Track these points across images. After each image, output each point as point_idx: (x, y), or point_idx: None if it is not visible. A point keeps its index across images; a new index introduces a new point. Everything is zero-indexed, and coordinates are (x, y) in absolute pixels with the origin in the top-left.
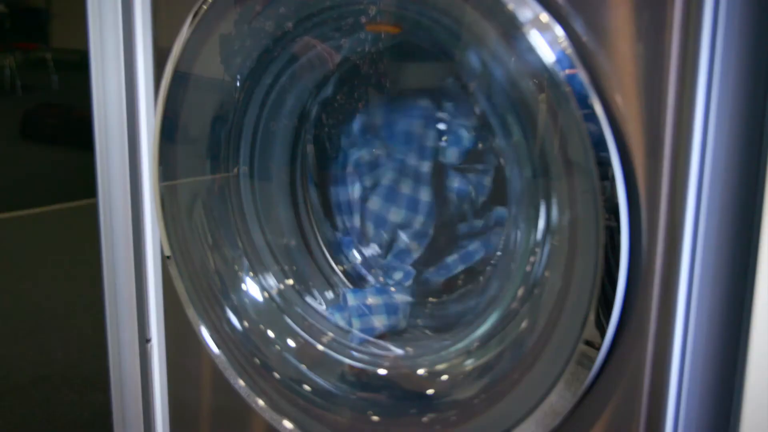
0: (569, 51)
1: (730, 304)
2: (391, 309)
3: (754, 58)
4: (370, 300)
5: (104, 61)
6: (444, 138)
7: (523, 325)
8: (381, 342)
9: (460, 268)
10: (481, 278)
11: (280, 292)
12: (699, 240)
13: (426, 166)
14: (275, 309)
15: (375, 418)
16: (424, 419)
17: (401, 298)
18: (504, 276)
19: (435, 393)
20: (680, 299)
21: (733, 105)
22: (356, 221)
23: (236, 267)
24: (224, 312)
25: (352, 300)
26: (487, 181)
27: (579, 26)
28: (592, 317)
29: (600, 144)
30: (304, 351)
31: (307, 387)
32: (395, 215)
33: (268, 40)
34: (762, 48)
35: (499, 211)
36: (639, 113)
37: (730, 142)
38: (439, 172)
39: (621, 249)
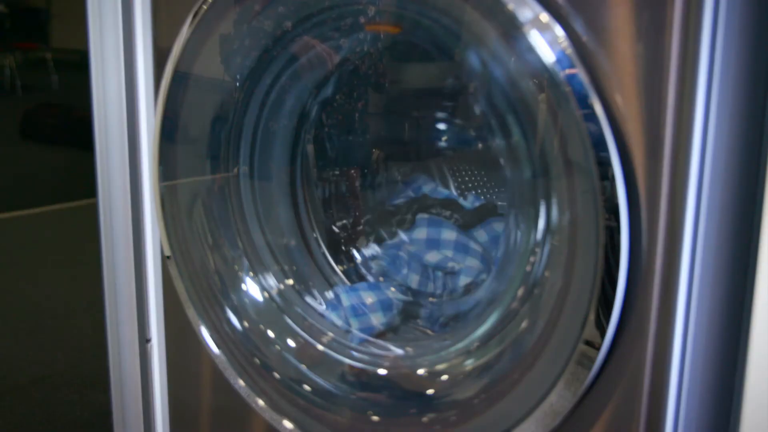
0: (569, 51)
1: (730, 304)
2: (385, 305)
3: (754, 58)
4: (365, 298)
5: (104, 61)
6: (444, 138)
7: (523, 325)
8: (381, 342)
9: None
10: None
11: (280, 292)
12: (699, 240)
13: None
14: (275, 309)
15: (375, 418)
16: (424, 419)
17: (393, 293)
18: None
19: (435, 393)
20: (680, 299)
21: (733, 105)
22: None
23: (236, 267)
24: (224, 312)
25: (346, 300)
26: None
27: (579, 26)
28: (592, 317)
29: (600, 144)
30: (304, 351)
31: (307, 387)
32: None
33: (267, 40)
34: (762, 48)
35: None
36: (639, 113)
37: (730, 142)
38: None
39: (621, 249)
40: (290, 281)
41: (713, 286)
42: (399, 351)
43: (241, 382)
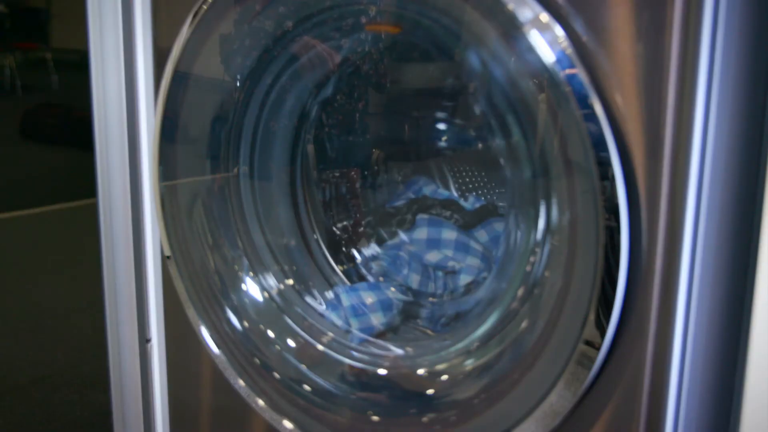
0: (569, 51)
1: (730, 304)
2: (385, 305)
3: (754, 57)
4: (365, 298)
5: (104, 61)
6: (444, 138)
7: (523, 325)
8: (381, 342)
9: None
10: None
11: (280, 292)
12: (699, 240)
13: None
14: (275, 309)
15: (375, 418)
16: (424, 419)
17: (393, 293)
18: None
19: (435, 393)
20: (680, 299)
21: (733, 105)
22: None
23: (236, 267)
24: (224, 312)
25: (346, 300)
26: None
27: (579, 26)
28: (592, 317)
29: (600, 144)
30: (304, 351)
31: (307, 387)
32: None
33: (268, 40)
34: (762, 48)
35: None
36: (639, 113)
37: (730, 141)
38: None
39: (621, 249)
40: (290, 281)
41: (713, 286)
42: (399, 351)
43: (241, 382)
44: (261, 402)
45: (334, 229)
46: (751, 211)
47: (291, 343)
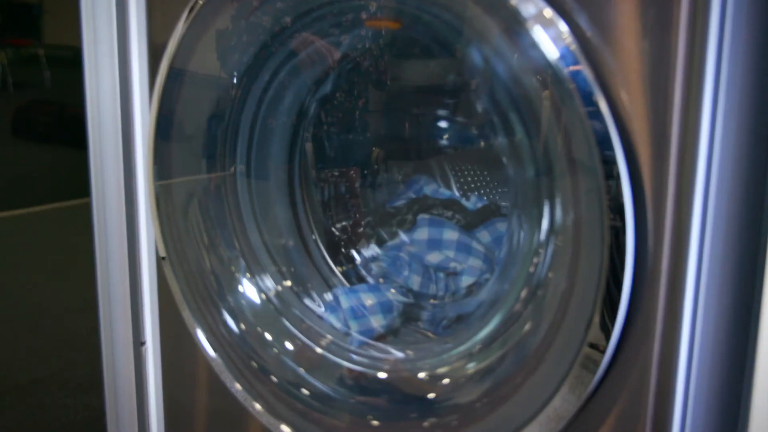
0: (573, 47)
1: (738, 305)
2: (385, 307)
3: (762, 54)
4: (365, 300)
5: (98, 57)
6: (446, 136)
7: (527, 327)
8: (381, 345)
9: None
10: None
11: (277, 294)
12: (706, 240)
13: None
14: (273, 311)
15: (374, 422)
16: (425, 424)
17: (393, 295)
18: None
19: (436, 397)
20: (687, 301)
21: (741, 102)
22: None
23: (233, 268)
24: (220, 314)
25: (345, 302)
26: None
27: (583, 22)
28: (596, 319)
29: (605, 142)
30: (302, 354)
31: (305, 391)
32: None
33: (265, 36)
34: None
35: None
36: (645, 111)
37: (738, 140)
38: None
39: (626, 249)
40: (288, 282)
41: (721, 287)
42: (399, 354)
43: (238, 386)
44: (258, 406)
45: (333, 229)
46: (760, 210)
47: (289, 345)
